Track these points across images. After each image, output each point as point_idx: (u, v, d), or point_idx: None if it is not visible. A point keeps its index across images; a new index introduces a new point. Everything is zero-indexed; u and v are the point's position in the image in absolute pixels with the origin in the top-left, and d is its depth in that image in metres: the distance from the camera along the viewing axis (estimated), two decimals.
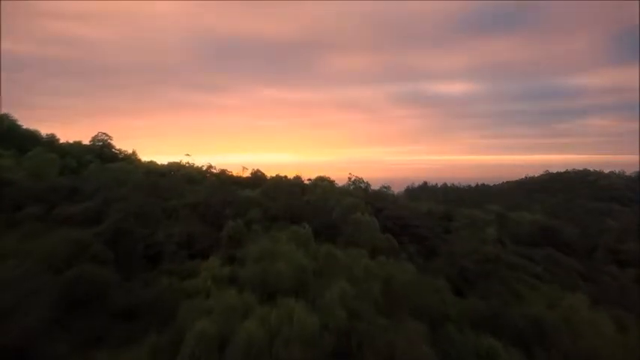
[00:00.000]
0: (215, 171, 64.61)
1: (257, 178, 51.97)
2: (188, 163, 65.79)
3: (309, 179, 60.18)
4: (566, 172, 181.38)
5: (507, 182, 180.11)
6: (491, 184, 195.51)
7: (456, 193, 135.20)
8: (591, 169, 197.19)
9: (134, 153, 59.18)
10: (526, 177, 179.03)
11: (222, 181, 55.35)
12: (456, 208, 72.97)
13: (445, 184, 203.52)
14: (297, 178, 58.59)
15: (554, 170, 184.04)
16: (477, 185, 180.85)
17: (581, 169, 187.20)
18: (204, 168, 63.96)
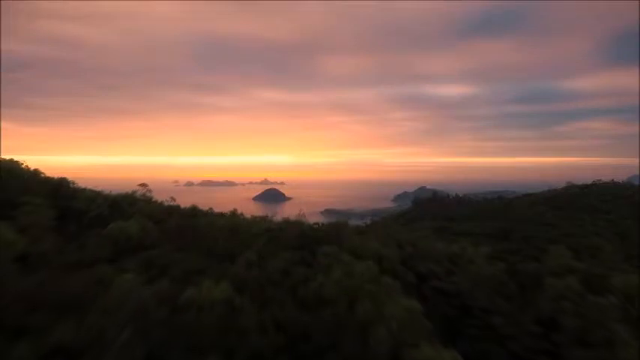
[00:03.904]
0: (182, 207, 45.78)
1: (233, 231, 32.95)
2: (145, 195, 47.01)
3: (316, 224, 41.58)
4: (593, 185, 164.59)
5: (529, 195, 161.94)
6: (511, 196, 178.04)
7: (482, 216, 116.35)
8: (619, 181, 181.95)
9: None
10: (549, 190, 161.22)
11: (184, 229, 36.55)
12: (512, 252, 55.25)
13: (457, 195, 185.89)
14: (298, 225, 39.91)
15: (578, 182, 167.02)
16: (495, 199, 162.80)
17: (607, 180, 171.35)
18: (165, 204, 45.10)
